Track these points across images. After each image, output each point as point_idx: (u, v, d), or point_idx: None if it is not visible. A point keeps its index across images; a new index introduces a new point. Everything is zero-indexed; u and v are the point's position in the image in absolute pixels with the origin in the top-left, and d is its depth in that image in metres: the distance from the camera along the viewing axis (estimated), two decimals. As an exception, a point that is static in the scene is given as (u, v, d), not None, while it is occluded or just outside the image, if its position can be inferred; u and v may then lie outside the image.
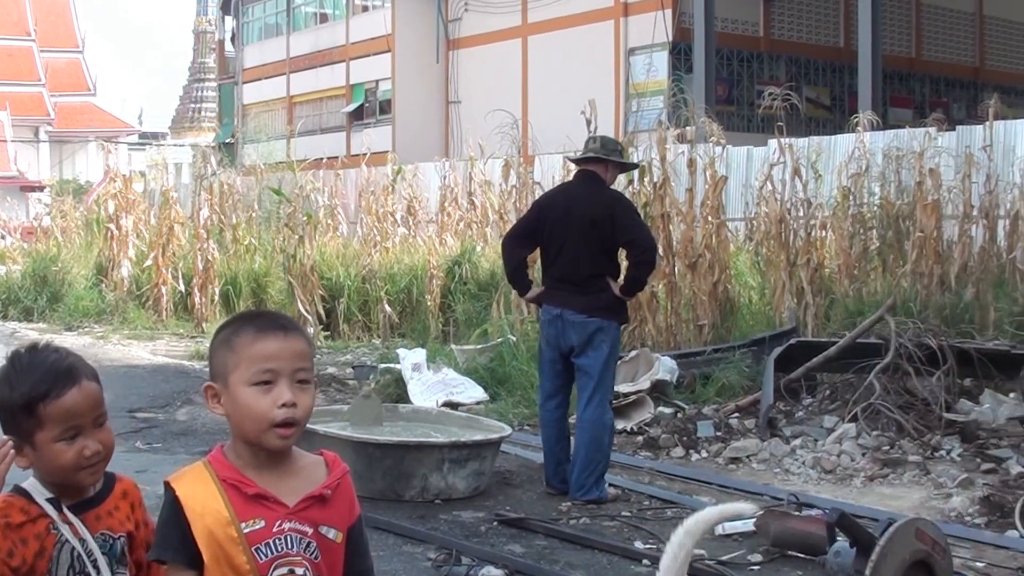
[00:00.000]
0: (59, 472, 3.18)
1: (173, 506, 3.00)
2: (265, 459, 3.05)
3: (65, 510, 3.20)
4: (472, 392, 14.36)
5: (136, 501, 3.41)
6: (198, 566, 2.97)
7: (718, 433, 11.96)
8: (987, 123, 16.89)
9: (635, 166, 10.60)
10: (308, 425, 9.75)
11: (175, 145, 72.24)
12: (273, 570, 2.98)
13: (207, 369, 3.12)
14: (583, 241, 9.84)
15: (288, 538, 2.99)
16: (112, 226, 25.87)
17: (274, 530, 2.98)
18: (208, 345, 3.30)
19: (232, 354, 3.05)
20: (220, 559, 2.96)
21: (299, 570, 3.00)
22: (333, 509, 3.09)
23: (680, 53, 38.67)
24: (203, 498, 2.99)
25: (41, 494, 3.19)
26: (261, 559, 2.97)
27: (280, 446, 3.03)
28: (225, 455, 3.10)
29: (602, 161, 10.01)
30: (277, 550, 2.98)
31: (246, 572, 2.96)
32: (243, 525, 2.96)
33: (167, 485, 3.05)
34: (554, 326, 9.88)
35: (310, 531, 3.02)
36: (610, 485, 10.16)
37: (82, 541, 3.18)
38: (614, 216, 9.87)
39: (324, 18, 55.02)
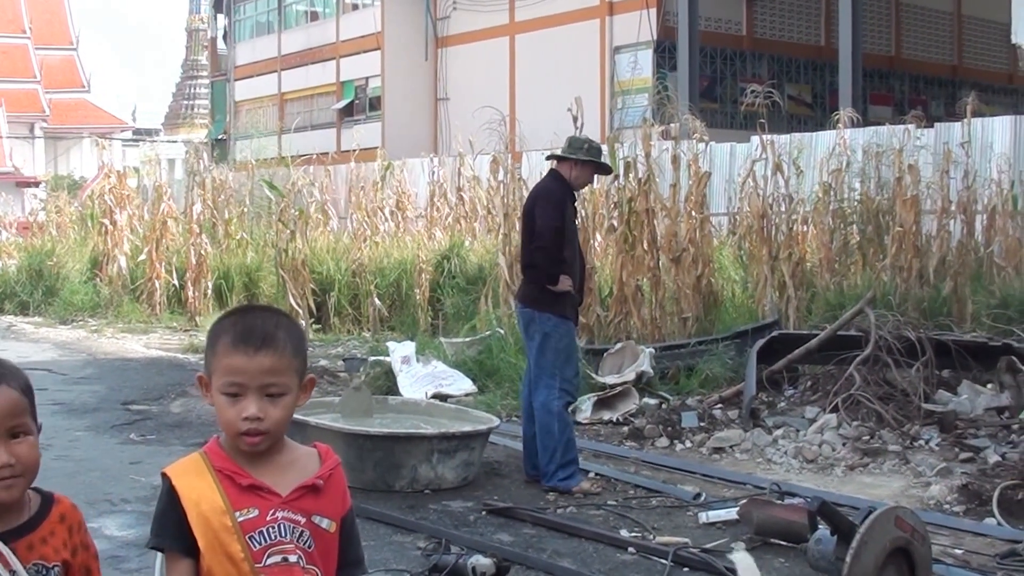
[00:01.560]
0: None
1: (170, 495, 3.04)
2: (255, 452, 3.09)
3: None
4: (461, 384, 14.43)
5: (75, 524, 3.13)
6: (194, 554, 3.01)
7: (702, 424, 12.03)
8: (965, 120, 17.00)
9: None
10: (299, 417, 9.85)
11: (168, 141, 72.26)
12: (267, 558, 3.01)
13: (201, 362, 3.28)
14: (523, 234, 10.32)
15: (281, 526, 3.02)
16: (106, 221, 25.88)
17: (267, 519, 3.01)
18: (203, 339, 3.37)
19: (213, 357, 3.09)
20: (215, 547, 2.99)
21: (292, 557, 3.02)
22: (326, 499, 3.12)
23: (664, 51, 38.73)
24: (198, 487, 3.02)
25: None
26: (255, 547, 3.00)
27: (249, 451, 3.06)
28: (221, 446, 3.11)
29: (567, 160, 10.19)
30: (270, 538, 3.01)
31: (240, 560, 2.99)
32: (237, 514, 3.00)
33: (164, 475, 3.09)
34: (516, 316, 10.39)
35: (303, 520, 3.05)
36: (596, 475, 10.27)
37: (12, 573, 2.93)
38: (535, 208, 10.16)
39: (315, 16, 54.84)
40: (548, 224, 9.94)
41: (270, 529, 3.02)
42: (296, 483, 3.09)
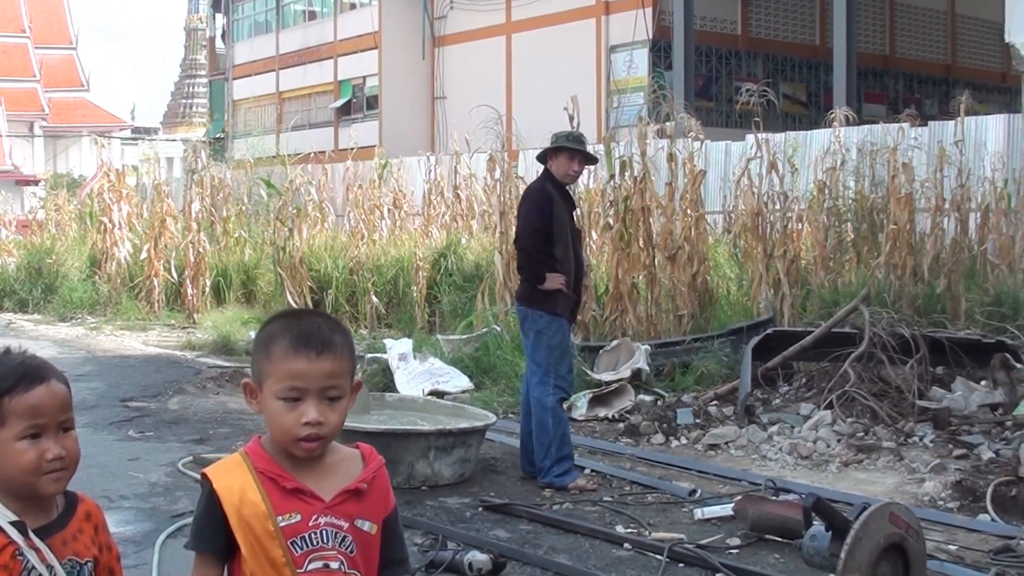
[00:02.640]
0: (19, 475, 2.98)
1: (210, 498, 3.01)
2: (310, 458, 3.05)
3: (31, 535, 2.99)
4: (457, 381, 14.48)
5: (100, 524, 3.26)
6: (228, 557, 3.02)
7: (697, 420, 12.07)
8: (959, 119, 17.05)
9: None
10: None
11: (167, 140, 72.24)
12: (308, 563, 2.97)
13: (200, 359, 3.23)
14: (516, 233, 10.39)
15: (324, 532, 2.99)
16: (105, 219, 25.94)
17: (310, 524, 2.98)
18: (201, 336, 3.25)
19: (268, 363, 3.03)
20: (256, 551, 2.97)
21: (333, 564, 2.99)
22: (369, 502, 3.09)
23: (660, 50, 38.77)
24: (240, 490, 2.99)
25: (5, 516, 2.97)
26: (296, 552, 2.97)
27: (304, 456, 3.02)
28: (263, 447, 3.08)
29: (549, 155, 10.24)
30: (312, 544, 2.98)
31: (281, 564, 2.96)
32: (279, 519, 2.96)
33: (204, 476, 3.06)
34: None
35: (346, 525, 3.02)
36: (592, 471, 10.30)
37: (49, 568, 3.01)
38: (520, 208, 10.35)
39: (312, 16, 54.82)
40: (526, 224, 10.04)
41: (312, 535, 2.99)
42: (340, 487, 3.05)
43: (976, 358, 12.41)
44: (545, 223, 9.90)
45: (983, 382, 12.12)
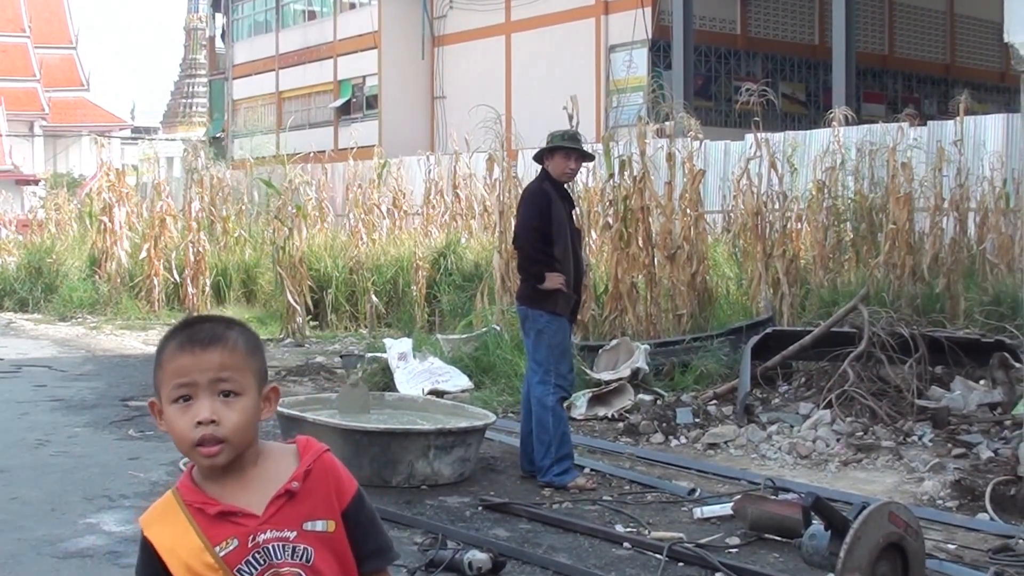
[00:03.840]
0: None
1: (145, 549, 2.81)
2: (222, 470, 2.79)
3: None
4: (457, 380, 14.48)
5: None
6: None
7: (696, 420, 12.08)
8: (958, 118, 17.06)
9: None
10: (296, 413, 9.92)
11: (166, 139, 72.28)
12: None
13: None
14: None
15: (268, 549, 2.74)
16: (105, 219, 25.97)
17: (249, 545, 2.74)
18: None
19: (159, 370, 2.82)
20: None
21: None
22: (312, 500, 2.81)
23: (659, 50, 38.76)
24: (171, 532, 2.77)
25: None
26: None
27: (208, 464, 2.77)
28: (192, 477, 2.84)
29: (545, 157, 10.26)
30: (260, 564, 2.74)
31: None
32: (217, 549, 2.73)
33: (139, 524, 2.86)
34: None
35: (292, 534, 2.77)
36: (591, 470, 10.31)
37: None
38: (518, 209, 10.38)
39: (312, 15, 54.79)
40: (525, 224, 10.07)
41: (256, 556, 2.74)
42: (272, 494, 2.78)
43: (975, 357, 12.42)
44: (544, 223, 9.91)
45: (982, 381, 12.13)
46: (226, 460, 2.76)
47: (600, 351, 14.11)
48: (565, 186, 10.55)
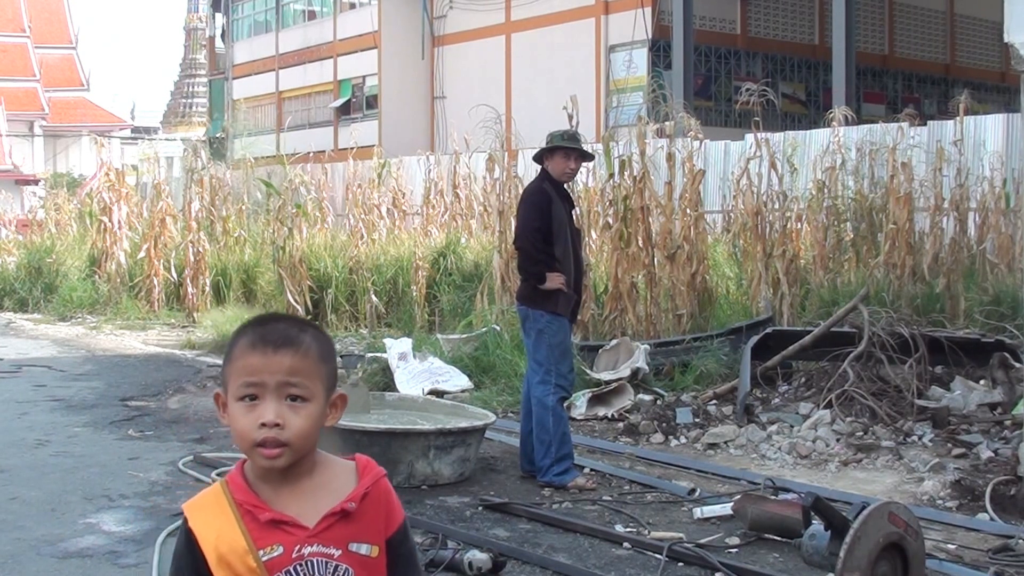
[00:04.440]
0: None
1: (187, 537, 2.79)
2: (278, 474, 2.76)
3: None
4: (457, 380, 14.48)
5: None
6: None
7: (696, 419, 12.10)
8: (958, 118, 17.07)
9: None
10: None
11: (166, 139, 72.23)
12: None
13: (200, 357, 3.00)
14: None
15: (311, 563, 2.71)
16: (105, 219, 25.97)
17: (294, 556, 2.71)
18: (200, 334, 2.91)
19: (228, 365, 2.81)
20: None
21: None
22: (364, 522, 2.78)
23: (659, 50, 38.78)
24: (217, 526, 2.74)
25: None
26: None
27: (267, 466, 2.73)
28: (244, 474, 2.81)
29: (545, 157, 10.27)
30: None
31: None
32: (261, 553, 2.70)
33: (182, 512, 2.84)
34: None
35: (337, 553, 2.74)
36: (591, 470, 10.31)
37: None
38: (518, 209, 10.40)
39: (312, 15, 54.80)
40: (526, 224, 10.08)
41: (298, 567, 2.71)
42: (327, 508, 2.75)
43: (975, 357, 12.44)
44: (544, 223, 9.92)
45: (982, 381, 12.13)
46: (286, 464, 2.73)
47: (600, 351, 14.11)
48: (565, 186, 10.56)
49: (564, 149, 10.17)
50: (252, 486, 2.78)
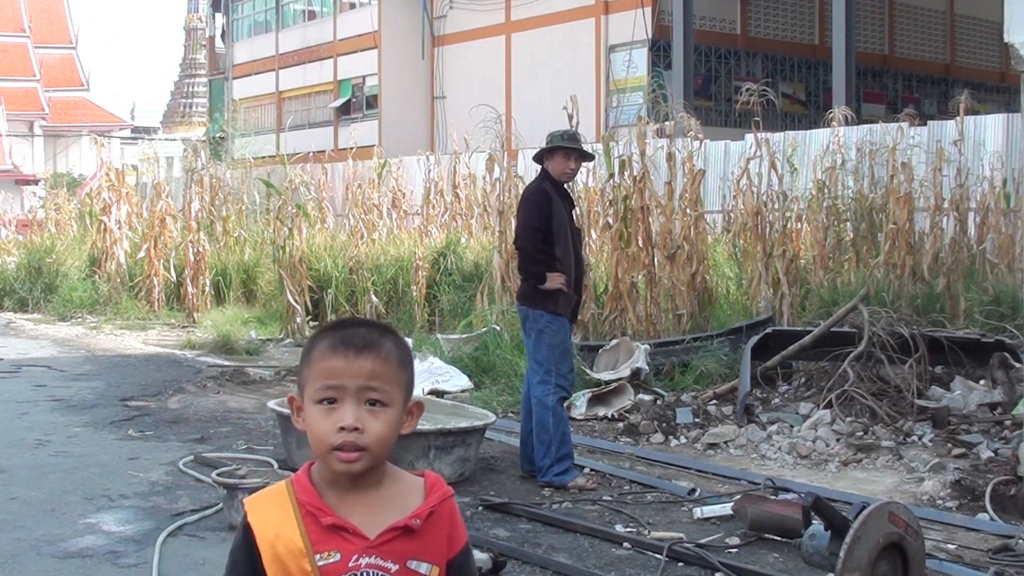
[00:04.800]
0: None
1: (245, 532, 2.75)
2: (347, 481, 2.73)
3: None
4: (457, 380, 14.48)
5: None
6: None
7: (696, 419, 12.11)
8: (958, 118, 17.08)
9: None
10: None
11: (166, 139, 72.28)
12: None
13: (199, 358, 2.93)
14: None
15: (367, 575, 2.68)
16: (105, 219, 25.98)
17: (350, 565, 2.67)
18: (200, 334, 2.87)
19: (307, 367, 2.77)
20: None
21: None
22: (425, 541, 2.75)
23: (659, 50, 38.80)
24: (276, 524, 2.71)
25: None
26: None
27: (343, 470, 2.70)
28: (310, 474, 2.78)
29: (545, 155, 10.28)
30: None
31: None
32: (318, 557, 2.67)
33: (243, 506, 2.81)
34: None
35: (394, 568, 2.70)
36: (591, 470, 10.32)
37: None
38: (518, 209, 10.41)
39: (312, 15, 54.81)
40: (526, 224, 10.09)
41: None
42: (390, 521, 2.72)
43: (975, 357, 12.45)
44: (544, 223, 9.92)
45: (982, 381, 12.14)
46: (362, 468, 2.70)
47: (600, 351, 14.12)
48: (565, 186, 10.57)
49: (564, 149, 10.17)
50: (318, 488, 2.75)
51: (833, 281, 15.91)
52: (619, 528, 8.56)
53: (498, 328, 15.66)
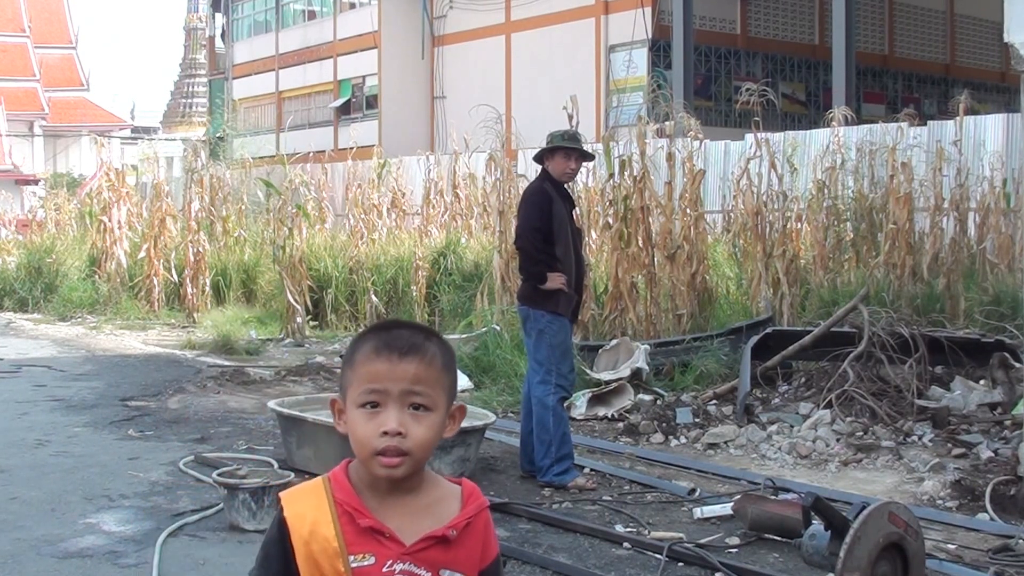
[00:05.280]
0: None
1: (280, 526, 2.71)
2: (387, 485, 2.70)
3: None
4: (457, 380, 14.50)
5: None
6: None
7: (696, 419, 12.11)
8: (957, 118, 17.13)
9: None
10: (295, 413, 9.89)
11: (166, 139, 72.30)
12: None
13: (199, 358, 2.88)
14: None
15: None
16: (105, 219, 25.98)
17: (384, 570, 2.64)
18: (200, 334, 2.82)
19: (350, 370, 2.73)
20: None
21: None
22: (459, 551, 2.72)
23: (659, 50, 38.78)
24: (312, 521, 2.68)
25: None
26: None
27: (385, 475, 2.66)
28: (348, 473, 2.74)
29: (546, 156, 10.29)
30: None
31: None
32: (352, 559, 2.64)
33: (278, 500, 2.78)
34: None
35: (427, 575, 2.67)
36: (591, 470, 10.32)
37: None
38: (519, 209, 10.43)
39: (312, 15, 54.78)
40: (526, 224, 10.10)
41: None
42: (426, 529, 2.68)
43: (975, 357, 12.45)
44: (545, 223, 9.93)
45: (982, 381, 12.14)
46: (404, 473, 2.67)
47: (600, 351, 14.12)
48: (565, 186, 10.57)
49: (564, 149, 10.18)
50: (356, 489, 2.72)
51: (833, 281, 15.92)
52: (619, 528, 8.56)
53: (498, 328, 15.67)
